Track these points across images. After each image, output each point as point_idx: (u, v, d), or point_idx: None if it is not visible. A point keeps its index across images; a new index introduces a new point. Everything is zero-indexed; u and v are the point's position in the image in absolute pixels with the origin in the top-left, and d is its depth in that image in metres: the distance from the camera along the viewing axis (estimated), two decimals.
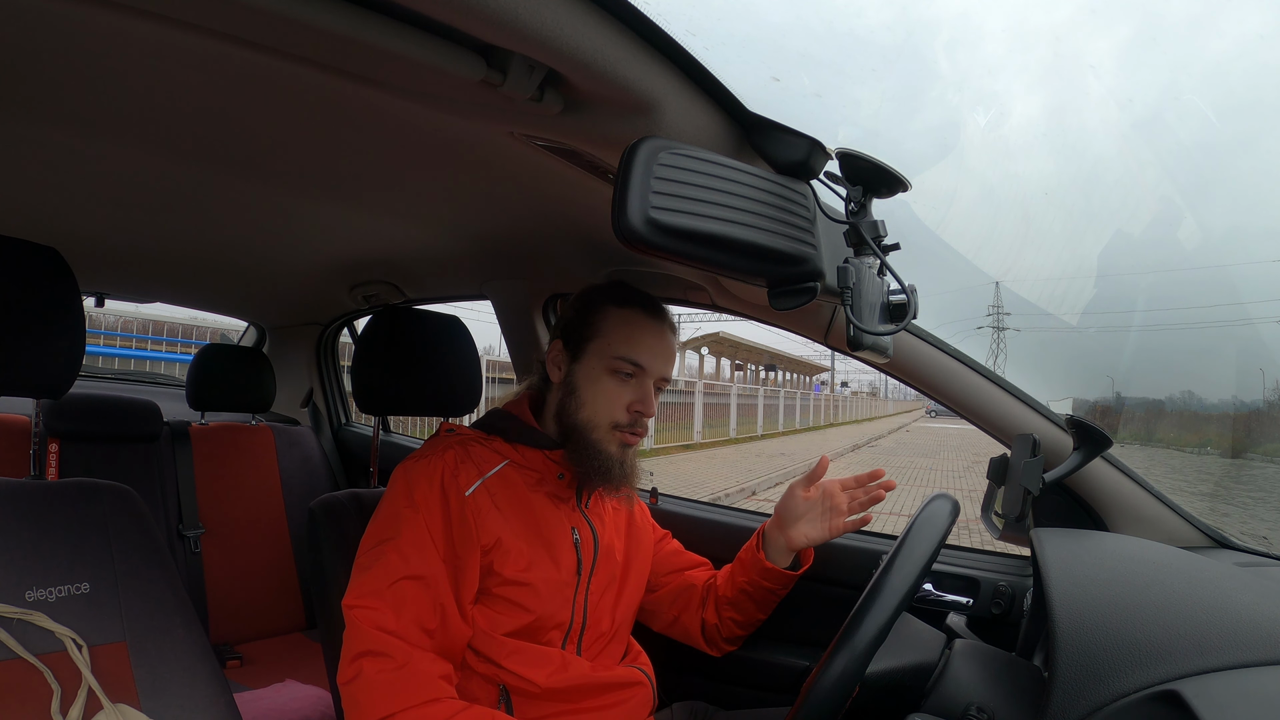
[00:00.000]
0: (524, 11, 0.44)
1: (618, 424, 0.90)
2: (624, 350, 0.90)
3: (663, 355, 0.92)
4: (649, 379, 0.91)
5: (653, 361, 0.91)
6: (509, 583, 0.85)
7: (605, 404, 0.90)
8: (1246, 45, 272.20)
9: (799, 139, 0.62)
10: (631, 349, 0.90)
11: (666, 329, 0.94)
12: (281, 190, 0.96)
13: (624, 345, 0.90)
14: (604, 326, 0.92)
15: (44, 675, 0.63)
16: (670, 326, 0.96)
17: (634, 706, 0.92)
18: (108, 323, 7.75)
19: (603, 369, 0.90)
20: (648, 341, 0.91)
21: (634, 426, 0.91)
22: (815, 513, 1.00)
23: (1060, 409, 1.02)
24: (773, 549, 1.02)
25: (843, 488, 1.00)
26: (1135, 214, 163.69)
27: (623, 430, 0.90)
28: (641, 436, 0.93)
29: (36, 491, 0.72)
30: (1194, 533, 0.97)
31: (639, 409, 0.90)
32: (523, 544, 0.87)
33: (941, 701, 0.72)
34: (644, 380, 0.91)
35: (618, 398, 0.90)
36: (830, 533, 0.99)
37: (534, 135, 0.67)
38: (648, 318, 0.93)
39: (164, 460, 1.68)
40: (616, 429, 0.90)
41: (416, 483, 0.86)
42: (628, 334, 0.91)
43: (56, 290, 0.77)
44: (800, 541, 0.99)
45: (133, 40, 0.56)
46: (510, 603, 0.86)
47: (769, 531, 1.03)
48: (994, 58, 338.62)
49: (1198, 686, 0.51)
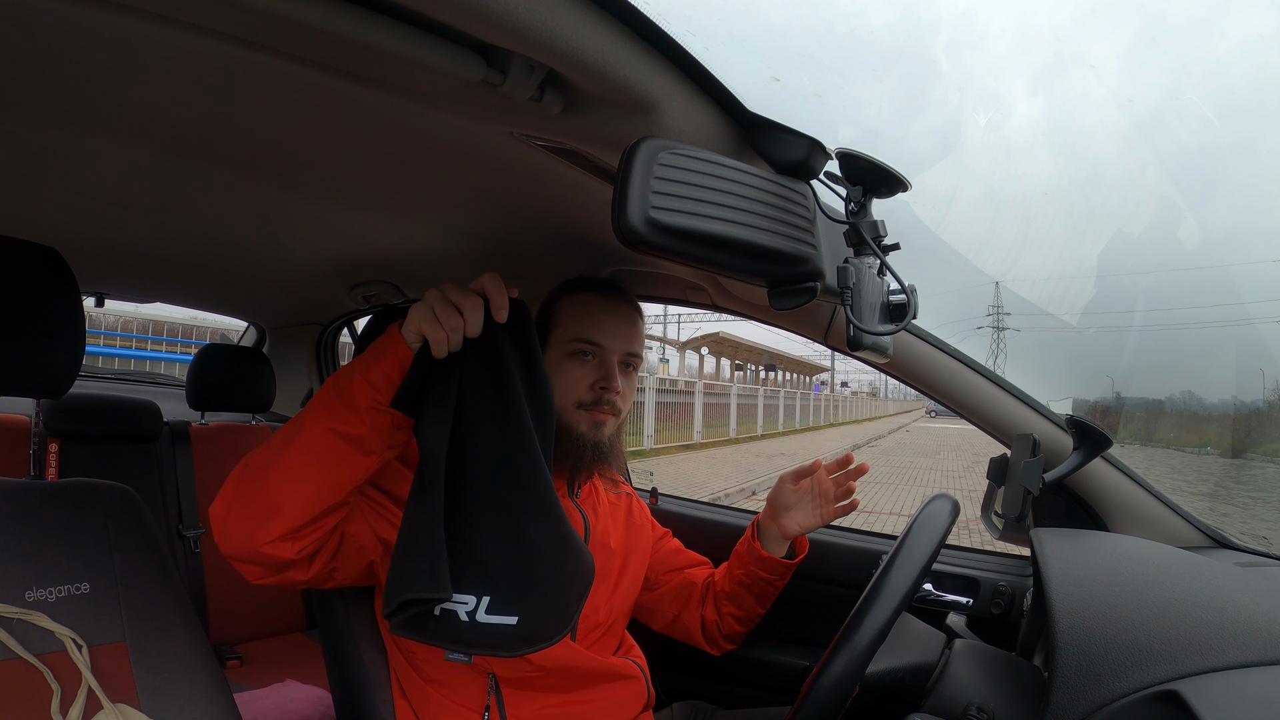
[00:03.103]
0: (524, 11, 0.44)
1: (582, 402, 0.91)
2: (578, 331, 0.92)
3: (621, 331, 0.93)
4: (611, 355, 0.92)
5: (609, 338, 0.92)
6: None
7: (567, 386, 0.91)
8: (1248, 47, 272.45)
9: (799, 139, 0.62)
10: (586, 329, 0.92)
11: (623, 305, 0.95)
12: (281, 190, 0.96)
13: (577, 326, 0.92)
14: (559, 315, 0.94)
15: (44, 675, 0.63)
16: (629, 303, 0.96)
17: (626, 699, 0.92)
18: (108, 323, 7.76)
19: (563, 355, 0.92)
20: (602, 319, 0.92)
21: (599, 403, 0.91)
22: (806, 501, 1.02)
23: (1060, 409, 1.02)
24: (768, 539, 1.03)
25: (828, 472, 1.02)
26: (1135, 214, 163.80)
27: (588, 408, 0.91)
28: (612, 414, 0.92)
29: (36, 491, 0.72)
30: (1194, 533, 0.97)
31: (602, 385, 0.91)
32: None
33: (941, 701, 0.72)
34: (605, 357, 0.92)
35: (580, 378, 0.91)
36: (822, 519, 1.01)
37: (534, 135, 0.67)
38: (601, 297, 0.95)
39: (164, 460, 1.68)
40: (582, 408, 0.91)
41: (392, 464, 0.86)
42: (580, 315, 0.93)
43: (56, 290, 0.77)
44: (793, 529, 1.01)
45: (133, 40, 0.56)
46: None
47: (763, 522, 1.05)
48: (995, 58, 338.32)
49: (1198, 686, 0.51)
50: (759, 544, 1.02)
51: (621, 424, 0.96)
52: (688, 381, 16.50)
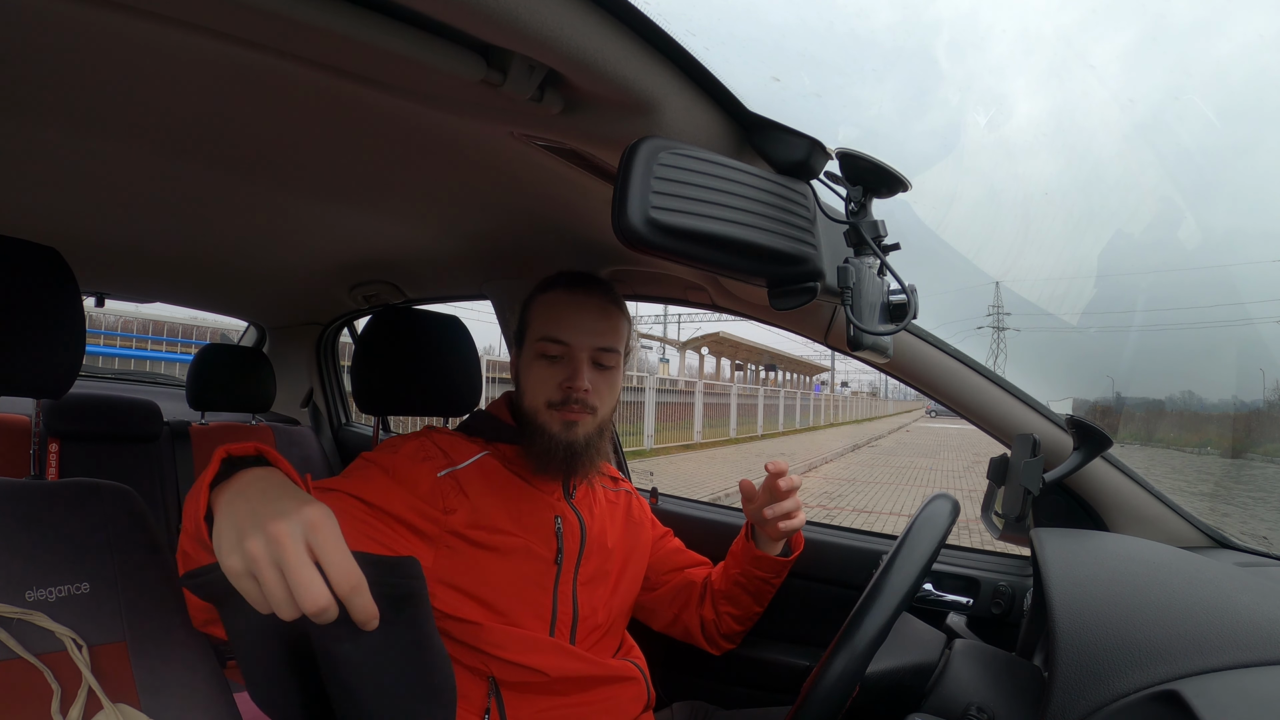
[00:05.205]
0: (524, 11, 0.44)
1: (552, 402, 0.90)
2: (545, 330, 0.91)
3: (586, 327, 0.91)
4: (579, 353, 0.90)
5: (575, 335, 0.90)
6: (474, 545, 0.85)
7: (537, 386, 0.91)
8: (1249, 48, 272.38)
9: (799, 139, 0.62)
10: (551, 328, 0.91)
11: (592, 299, 0.93)
12: (281, 190, 0.96)
13: (545, 326, 0.92)
14: (531, 316, 0.94)
15: (44, 675, 0.63)
16: (601, 296, 0.94)
17: (626, 701, 0.92)
18: (108, 323, 7.76)
19: (533, 355, 0.92)
20: (567, 316, 0.91)
21: (568, 403, 0.90)
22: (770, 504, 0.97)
23: (1060, 409, 1.02)
24: (762, 537, 1.02)
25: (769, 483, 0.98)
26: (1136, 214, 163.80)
27: (558, 408, 0.90)
28: (586, 413, 0.90)
29: (36, 491, 0.72)
30: (1194, 533, 0.97)
31: (569, 386, 0.90)
32: (494, 522, 0.87)
33: (941, 701, 0.72)
34: (573, 355, 0.91)
35: (549, 378, 0.91)
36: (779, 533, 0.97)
37: (534, 135, 0.67)
38: (567, 293, 0.93)
39: (164, 460, 1.68)
40: (552, 408, 0.90)
41: (380, 455, 0.87)
42: (548, 314, 0.92)
43: (56, 290, 0.77)
44: (776, 531, 0.97)
45: (133, 40, 0.56)
46: None
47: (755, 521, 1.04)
48: (997, 59, 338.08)
49: (1198, 686, 0.51)
50: (753, 542, 1.02)
51: (603, 424, 0.94)
52: (688, 381, 16.50)
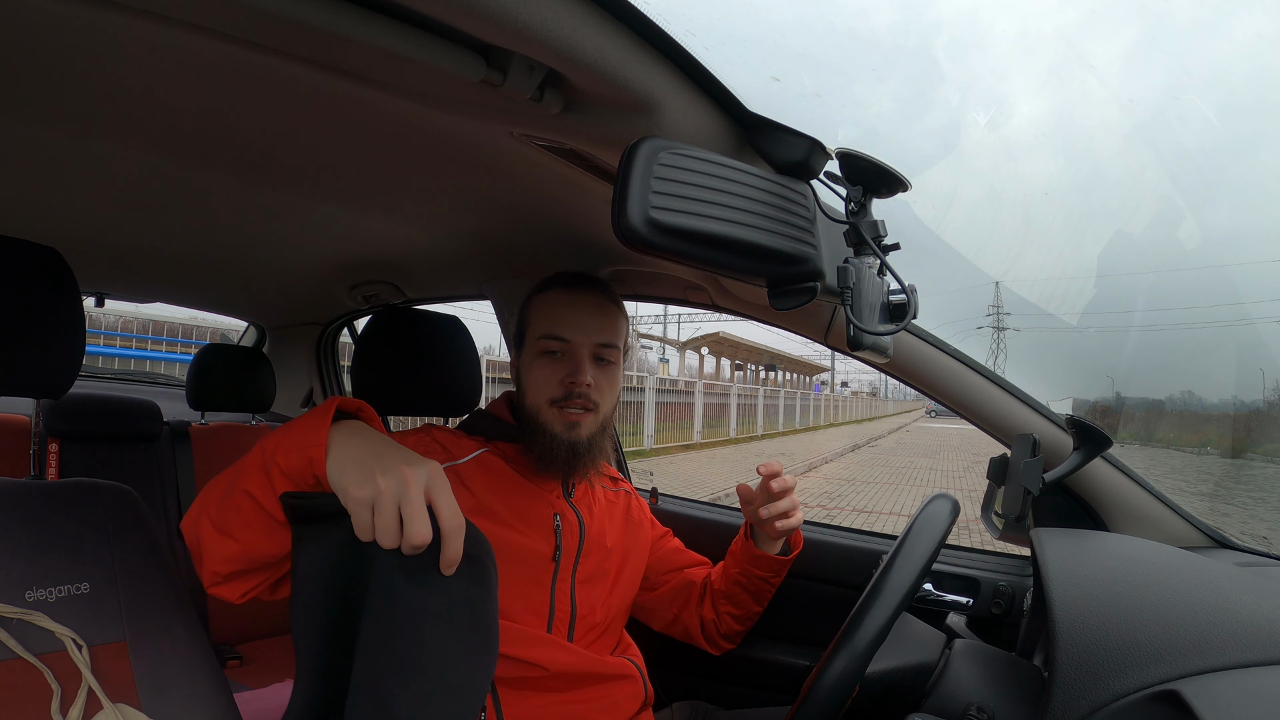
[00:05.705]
0: (524, 11, 0.44)
1: (554, 399, 0.90)
2: (545, 328, 0.92)
3: (587, 323, 0.92)
4: (580, 349, 0.91)
5: (576, 332, 0.91)
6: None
7: (539, 384, 0.91)
8: (1249, 48, 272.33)
9: (799, 139, 0.62)
10: (552, 325, 0.92)
11: (590, 296, 0.94)
12: (281, 190, 0.96)
13: (545, 324, 0.92)
14: (531, 315, 0.95)
15: (44, 675, 0.63)
16: (599, 294, 0.95)
17: (624, 699, 0.92)
18: (108, 323, 7.76)
19: (534, 354, 0.92)
20: (567, 314, 0.92)
21: (569, 400, 0.90)
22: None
23: (1060, 409, 1.02)
24: (761, 536, 1.02)
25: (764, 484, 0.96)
26: (1136, 214, 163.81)
27: (560, 406, 0.90)
28: (588, 411, 0.90)
29: (36, 491, 0.72)
30: (1194, 533, 0.97)
31: (571, 381, 0.90)
32: (494, 516, 0.87)
33: (941, 701, 0.72)
34: (574, 352, 0.91)
35: (551, 375, 0.91)
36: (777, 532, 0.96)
37: (534, 135, 0.67)
38: (566, 291, 0.94)
39: (164, 460, 1.68)
40: (554, 405, 0.90)
41: None
42: (547, 313, 0.93)
43: (56, 290, 0.77)
44: (774, 531, 0.97)
45: (133, 40, 0.56)
46: None
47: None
48: (997, 59, 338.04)
49: (1198, 686, 0.51)
50: (752, 542, 1.02)
51: (604, 422, 0.94)
52: (688, 381, 16.51)
